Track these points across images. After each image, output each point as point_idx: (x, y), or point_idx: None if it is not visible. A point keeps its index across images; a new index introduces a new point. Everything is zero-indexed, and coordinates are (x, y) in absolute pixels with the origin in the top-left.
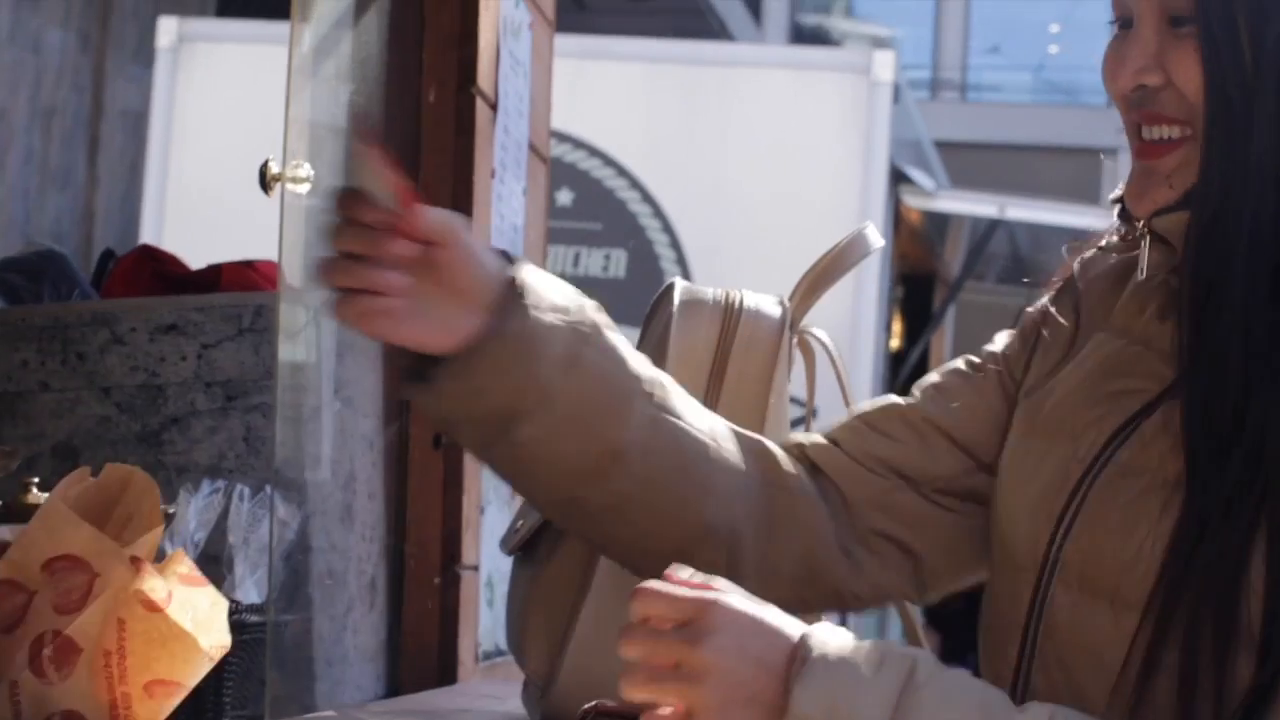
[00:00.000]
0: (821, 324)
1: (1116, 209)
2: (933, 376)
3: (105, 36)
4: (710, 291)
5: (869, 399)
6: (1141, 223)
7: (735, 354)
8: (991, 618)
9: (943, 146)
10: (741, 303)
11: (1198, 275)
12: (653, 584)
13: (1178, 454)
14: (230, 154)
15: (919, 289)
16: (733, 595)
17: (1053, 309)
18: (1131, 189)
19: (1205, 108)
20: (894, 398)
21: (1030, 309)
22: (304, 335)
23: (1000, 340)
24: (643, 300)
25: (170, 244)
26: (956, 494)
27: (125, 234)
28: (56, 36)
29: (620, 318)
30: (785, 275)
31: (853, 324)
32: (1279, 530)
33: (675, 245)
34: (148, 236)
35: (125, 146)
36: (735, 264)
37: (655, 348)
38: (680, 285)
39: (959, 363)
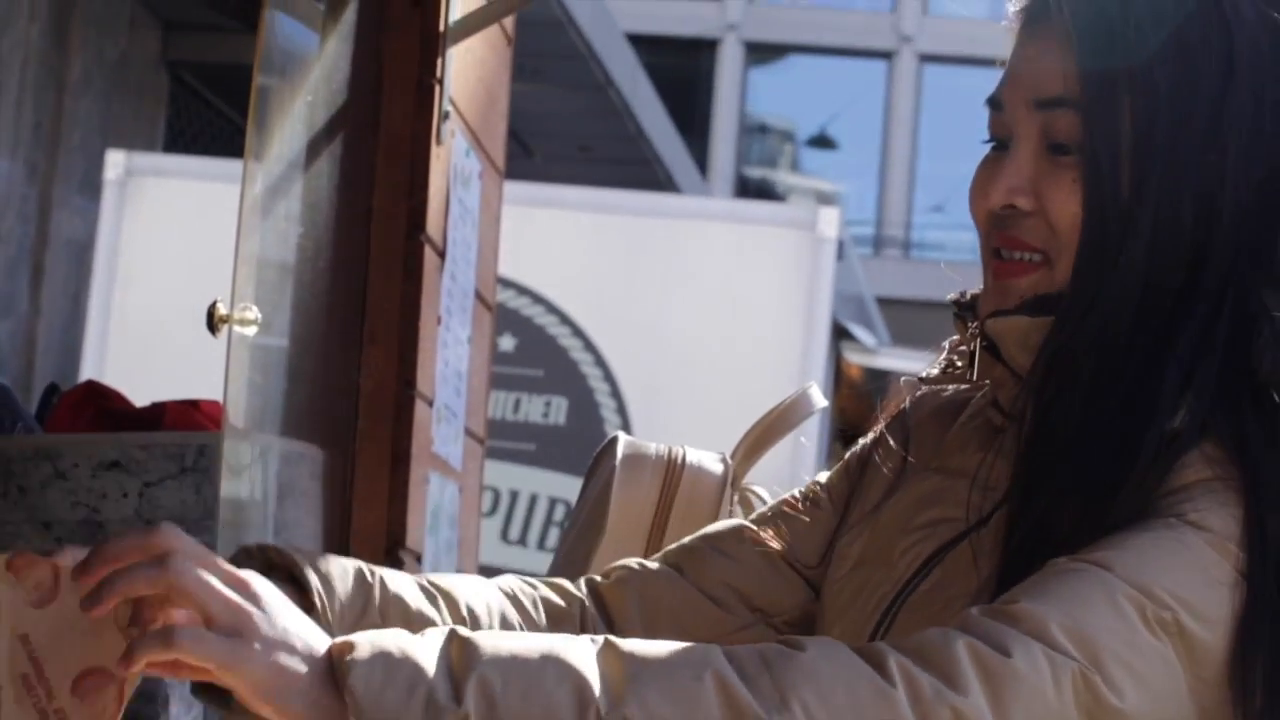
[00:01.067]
0: (760, 479)
1: (952, 310)
2: (772, 504)
3: (53, 167)
4: (653, 447)
5: None
6: (973, 325)
7: (677, 511)
8: None
9: (885, 303)
10: (684, 459)
11: (1040, 391)
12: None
13: (982, 573)
14: (174, 289)
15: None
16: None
17: (881, 446)
18: (986, 302)
19: (1081, 235)
20: (741, 520)
21: (858, 443)
22: (247, 476)
23: (824, 475)
24: (582, 447)
25: (112, 377)
26: (798, 624)
27: (66, 365)
28: (4, 165)
29: (560, 465)
30: (725, 427)
31: (792, 479)
32: None
33: (616, 394)
34: (89, 368)
35: (69, 277)
36: (675, 414)
37: (596, 502)
38: (623, 440)
39: (795, 491)
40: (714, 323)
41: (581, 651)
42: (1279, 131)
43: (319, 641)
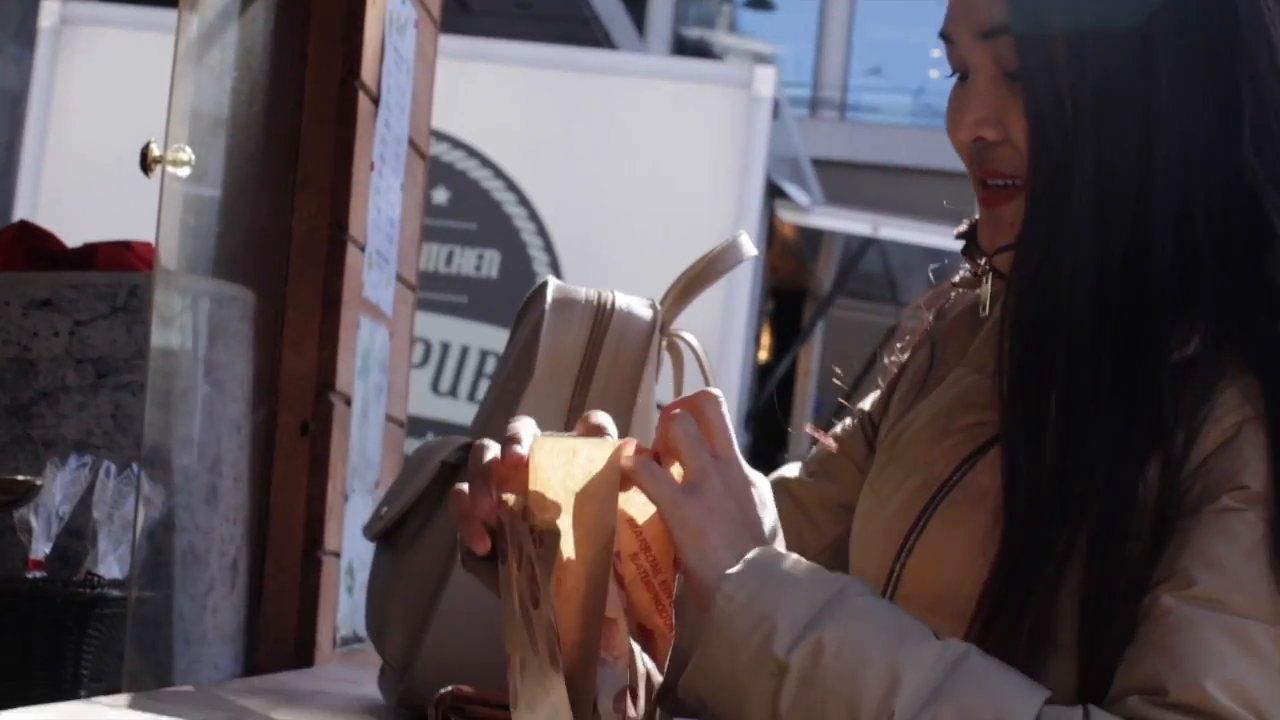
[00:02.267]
0: (691, 332)
1: (962, 244)
2: (814, 452)
3: None
4: (583, 292)
5: (734, 408)
6: (984, 260)
7: (605, 354)
8: None
9: (820, 165)
10: (613, 304)
11: (1019, 325)
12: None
13: None
14: (108, 137)
15: (790, 303)
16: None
17: (912, 354)
18: (983, 232)
19: (1029, 159)
20: (784, 471)
21: (888, 360)
22: (177, 318)
23: (868, 400)
24: (514, 300)
25: (45, 223)
26: (840, 552)
27: (1, 212)
28: None
29: (492, 317)
30: (658, 282)
31: (722, 334)
32: (1093, 564)
33: (549, 249)
34: (23, 214)
35: (2, 124)
36: (608, 269)
37: (525, 345)
38: (553, 284)
39: (837, 428)
40: (648, 179)
41: (925, 653)
42: (1212, 41)
43: (751, 537)
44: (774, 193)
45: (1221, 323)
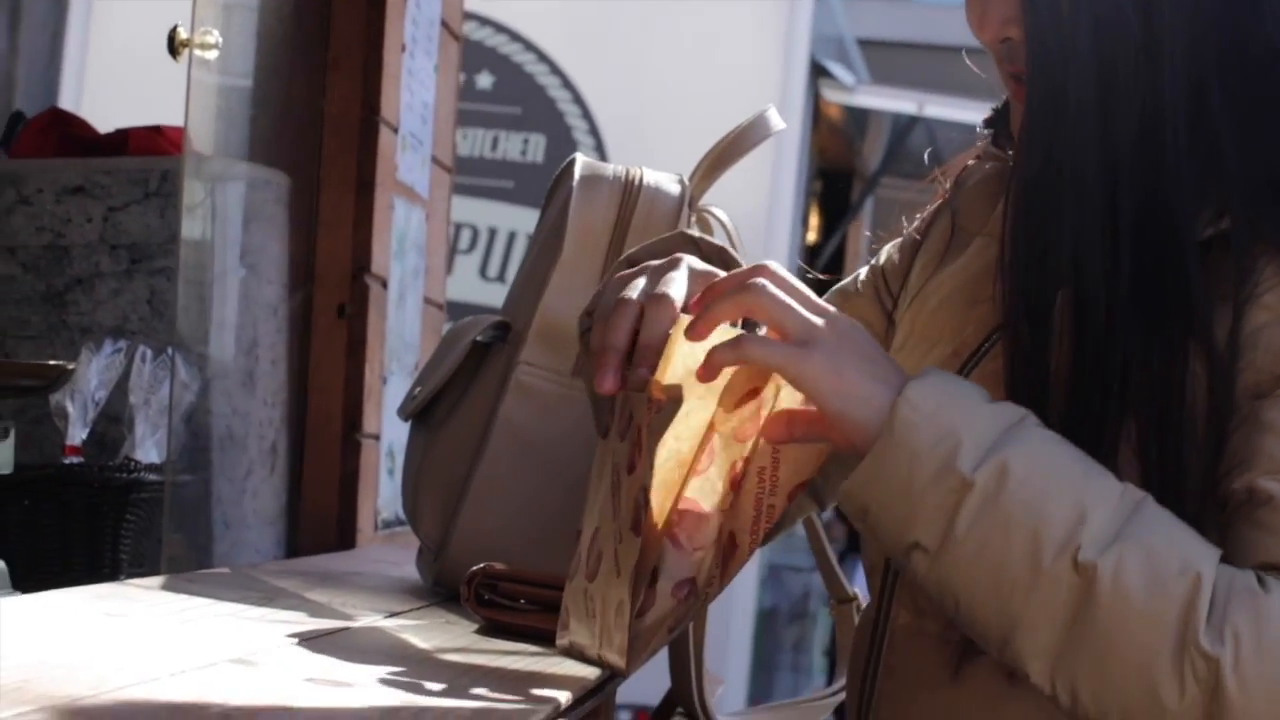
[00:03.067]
0: (737, 215)
1: (989, 131)
2: (829, 294)
3: None
4: (611, 168)
5: None
6: (1009, 152)
7: (634, 231)
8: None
9: (865, 44)
10: (641, 180)
11: (1019, 228)
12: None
13: None
14: (151, 26)
15: (837, 184)
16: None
17: (934, 218)
18: (1015, 120)
19: (1026, 60)
20: None
21: (909, 228)
22: (209, 201)
23: (882, 254)
24: None
25: (89, 112)
26: None
27: (45, 103)
28: None
29: (537, 201)
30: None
31: (769, 216)
32: (1151, 463)
33: (594, 131)
34: (68, 104)
35: (47, 15)
36: (653, 150)
37: (555, 222)
38: (581, 161)
39: (845, 283)
40: (692, 60)
41: (1110, 490)
42: None
43: (886, 363)
44: (819, 73)
45: (1252, 199)
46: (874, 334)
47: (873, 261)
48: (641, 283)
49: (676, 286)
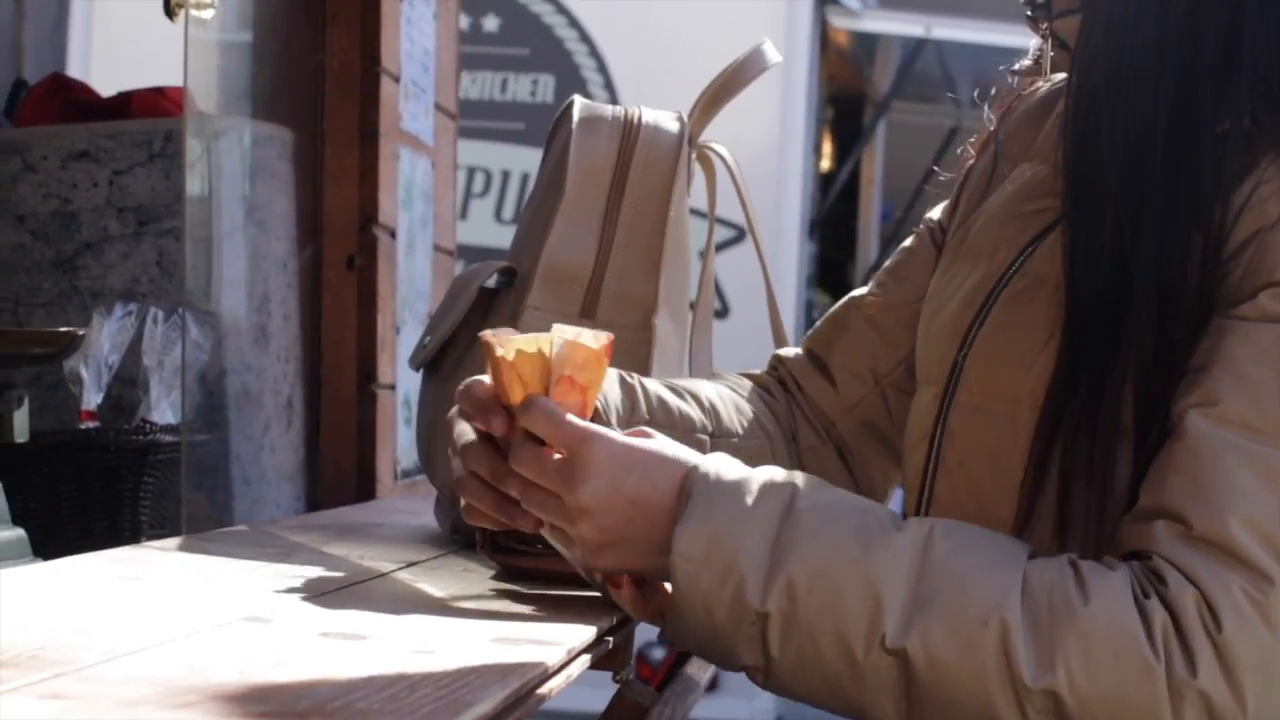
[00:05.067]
0: (750, 145)
1: (1027, 11)
2: (884, 265)
3: None
4: (610, 109)
5: (798, 217)
6: (1045, 26)
7: (634, 170)
8: (908, 438)
9: None
10: (640, 119)
11: (1082, 93)
12: (540, 403)
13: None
14: None
15: (848, 110)
16: (613, 435)
17: (978, 157)
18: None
19: None
20: (855, 292)
21: (964, 160)
22: (214, 160)
23: (935, 211)
24: None
25: (98, 77)
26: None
27: (54, 69)
28: None
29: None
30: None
31: (781, 144)
32: (1143, 343)
33: (602, 69)
34: (75, 70)
35: None
36: (662, 87)
37: (556, 165)
38: (580, 103)
39: (906, 241)
40: None
41: (894, 559)
42: None
43: (639, 517)
44: None
45: (1267, 97)
46: (929, 272)
47: (926, 216)
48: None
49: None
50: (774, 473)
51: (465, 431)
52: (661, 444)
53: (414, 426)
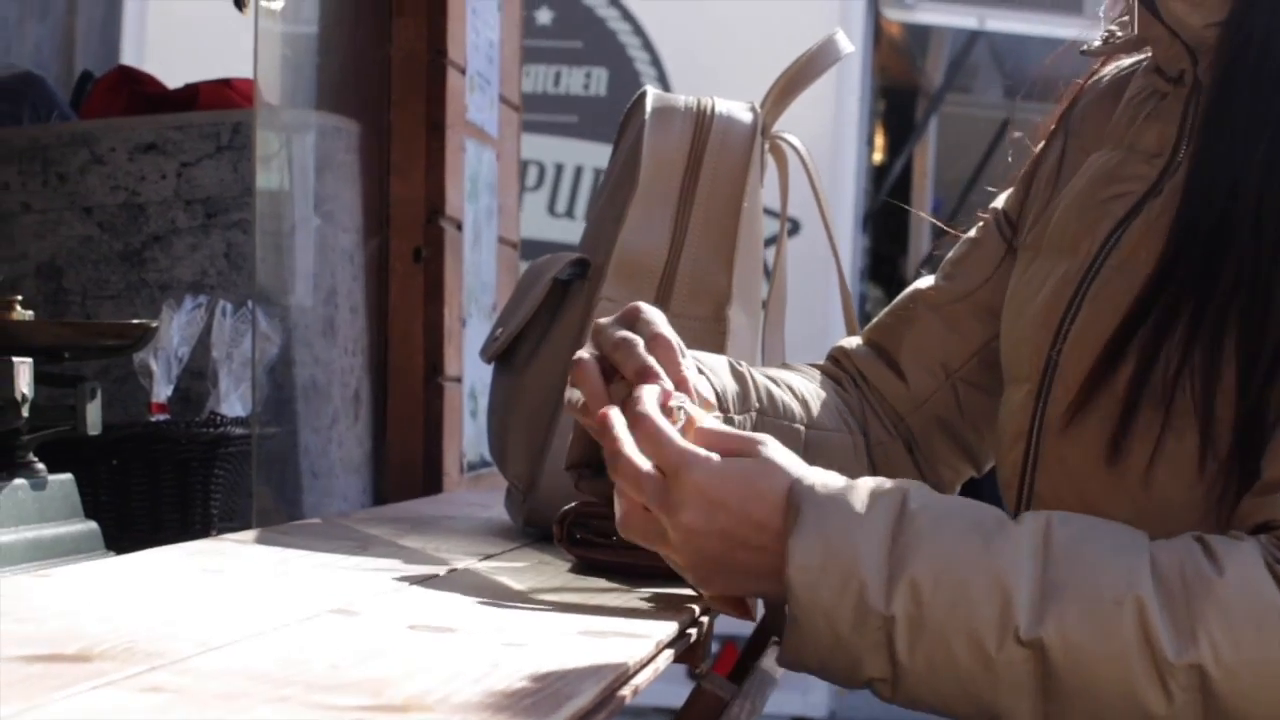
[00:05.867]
0: (804, 137)
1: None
2: (950, 254)
3: None
4: (682, 99)
5: (851, 210)
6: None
7: (708, 160)
8: (1001, 437)
9: None
10: (713, 109)
11: (1227, 41)
12: (649, 419)
13: (1154, 248)
14: None
15: (902, 103)
16: (707, 464)
17: (1048, 145)
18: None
19: None
20: (918, 284)
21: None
22: (282, 152)
23: (999, 199)
24: None
25: (151, 69)
26: (990, 360)
27: (106, 62)
28: None
29: (603, 135)
30: (766, 89)
31: (834, 137)
32: (1251, 321)
33: (656, 62)
34: (129, 62)
35: None
36: (716, 79)
37: (628, 157)
38: (652, 94)
39: (970, 231)
40: None
41: (1016, 550)
42: None
43: (750, 534)
44: None
45: None
46: (997, 264)
47: (991, 206)
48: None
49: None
50: (879, 480)
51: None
52: (760, 464)
53: (480, 419)
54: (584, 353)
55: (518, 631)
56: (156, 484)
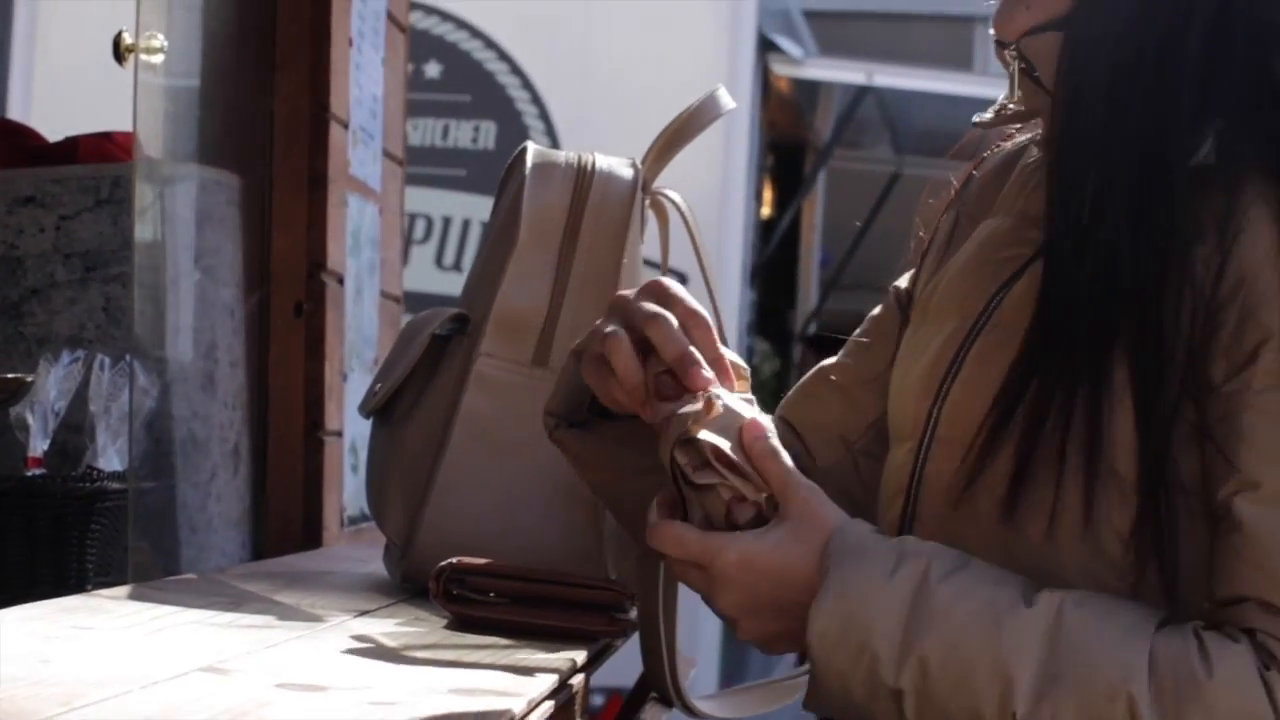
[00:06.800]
0: (691, 192)
1: (996, 43)
2: (855, 333)
3: None
4: (563, 155)
5: (739, 264)
6: (1011, 47)
7: (588, 216)
8: (882, 492)
9: (813, 16)
10: (594, 165)
11: (1065, 87)
12: (662, 529)
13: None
14: (97, 28)
15: (790, 157)
16: (737, 546)
17: (941, 216)
18: (996, 15)
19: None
20: (825, 362)
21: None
22: (161, 205)
23: (904, 279)
24: None
25: (38, 121)
26: (885, 431)
27: None
28: None
29: (490, 189)
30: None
31: (722, 192)
32: (1144, 375)
33: (544, 116)
34: (15, 114)
35: None
36: (604, 134)
37: (509, 211)
38: (533, 149)
39: (874, 310)
40: (640, 40)
41: (1025, 634)
42: None
43: (779, 588)
44: (767, 47)
45: (1241, 129)
46: (894, 335)
47: (893, 285)
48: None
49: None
50: (908, 544)
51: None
52: (793, 529)
53: (361, 474)
54: (612, 326)
55: (387, 689)
56: (31, 539)
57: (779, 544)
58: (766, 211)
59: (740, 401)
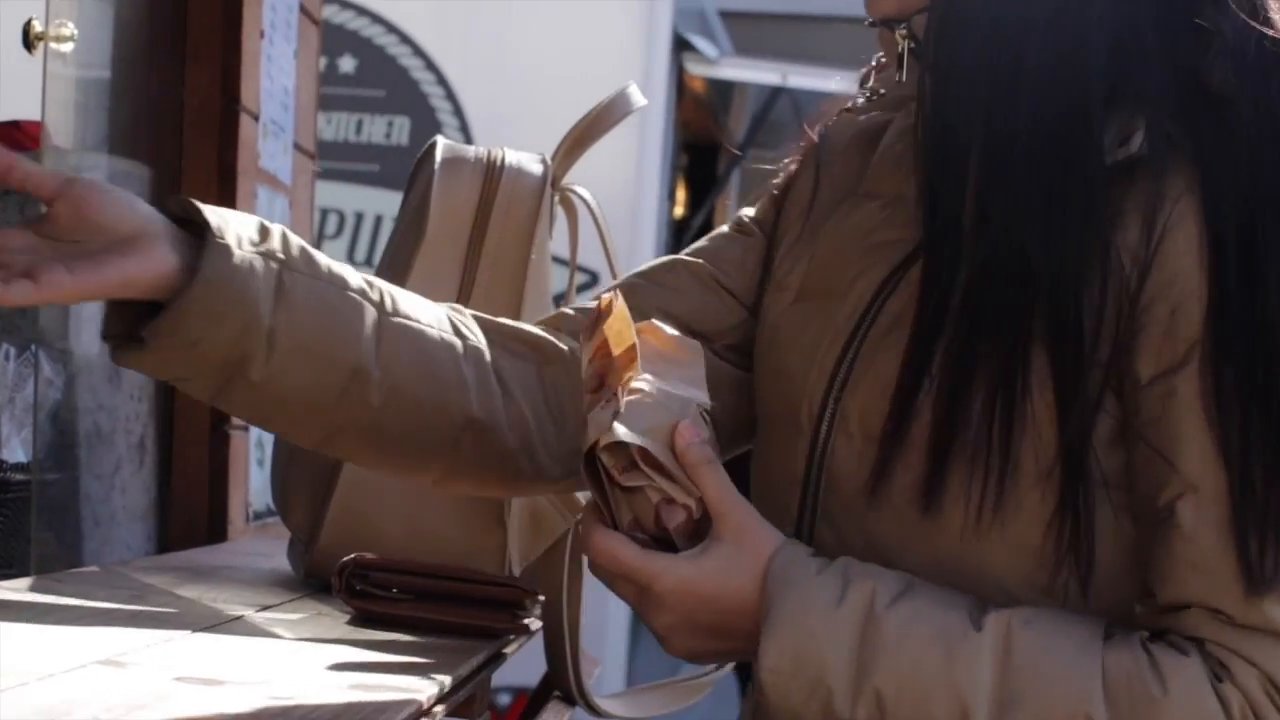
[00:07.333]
0: (605, 191)
1: (877, 28)
2: (702, 240)
3: None
4: (472, 150)
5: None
6: (902, 26)
7: (497, 211)
8: (765, 477)
9: (728, 16)
10: (503, 160)
11: (936, 66)
12: (600, 541)
13: None
14: (4, 17)
15: (703, 157)
16: (674, 569)
17: (800, 174)
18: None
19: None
20: (674, 256)
21: (776, 179)
22: None
23: (749, 210)
24: None
25: None
26: (741, 348)
27: None
28: None
29: (403, 184)
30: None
31: (636, 191)
32: (1062, 366)
33: (458, 113)
34: None
35: None
36: (518, 132)
37: (417, 206)
38: (442, 144)
39: (724, 228)
40: (555, 38)
41: (977, 659)
42: None
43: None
44: (682, 46)
45: (1164, 119)
46: (756, 273)
47: (747, 211)
48: None
49: None
50: (851, 567)
51: None
52: (729, 552)
53: (267, 468)
54: None
55: (286, 685)
56: None
57: (717, 570)
58: (680, 211)
59: (680, 385)
